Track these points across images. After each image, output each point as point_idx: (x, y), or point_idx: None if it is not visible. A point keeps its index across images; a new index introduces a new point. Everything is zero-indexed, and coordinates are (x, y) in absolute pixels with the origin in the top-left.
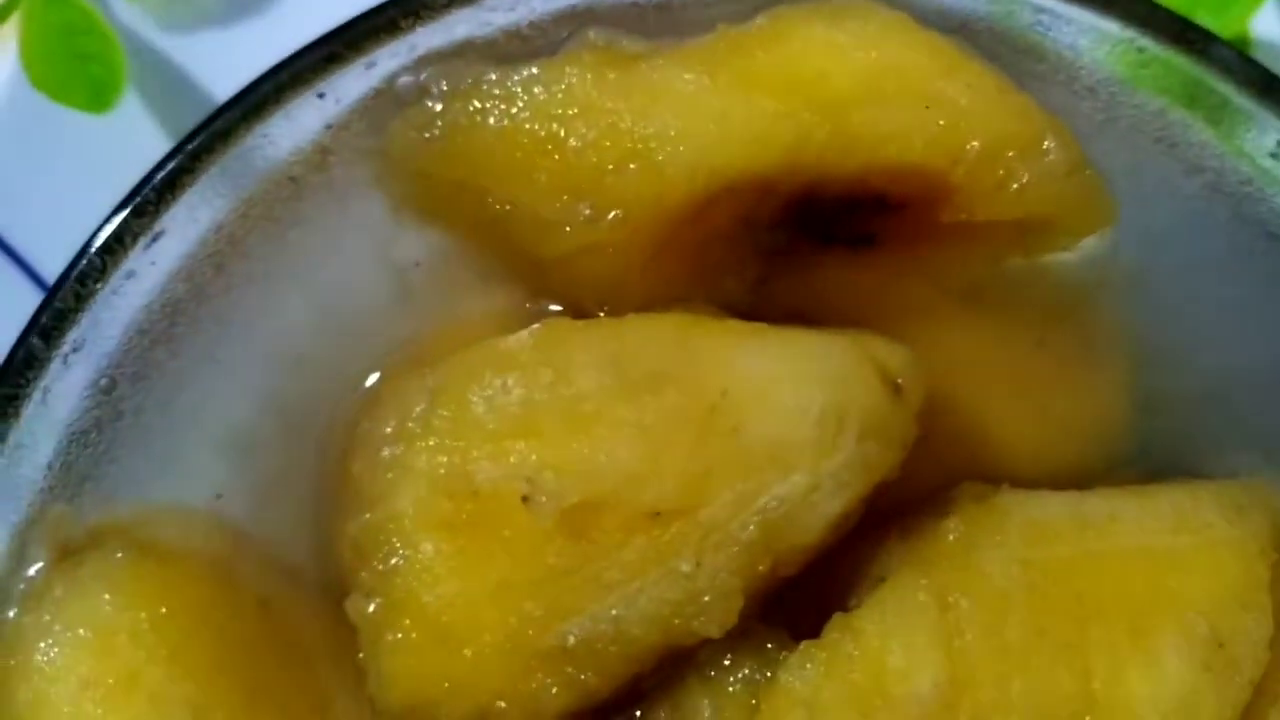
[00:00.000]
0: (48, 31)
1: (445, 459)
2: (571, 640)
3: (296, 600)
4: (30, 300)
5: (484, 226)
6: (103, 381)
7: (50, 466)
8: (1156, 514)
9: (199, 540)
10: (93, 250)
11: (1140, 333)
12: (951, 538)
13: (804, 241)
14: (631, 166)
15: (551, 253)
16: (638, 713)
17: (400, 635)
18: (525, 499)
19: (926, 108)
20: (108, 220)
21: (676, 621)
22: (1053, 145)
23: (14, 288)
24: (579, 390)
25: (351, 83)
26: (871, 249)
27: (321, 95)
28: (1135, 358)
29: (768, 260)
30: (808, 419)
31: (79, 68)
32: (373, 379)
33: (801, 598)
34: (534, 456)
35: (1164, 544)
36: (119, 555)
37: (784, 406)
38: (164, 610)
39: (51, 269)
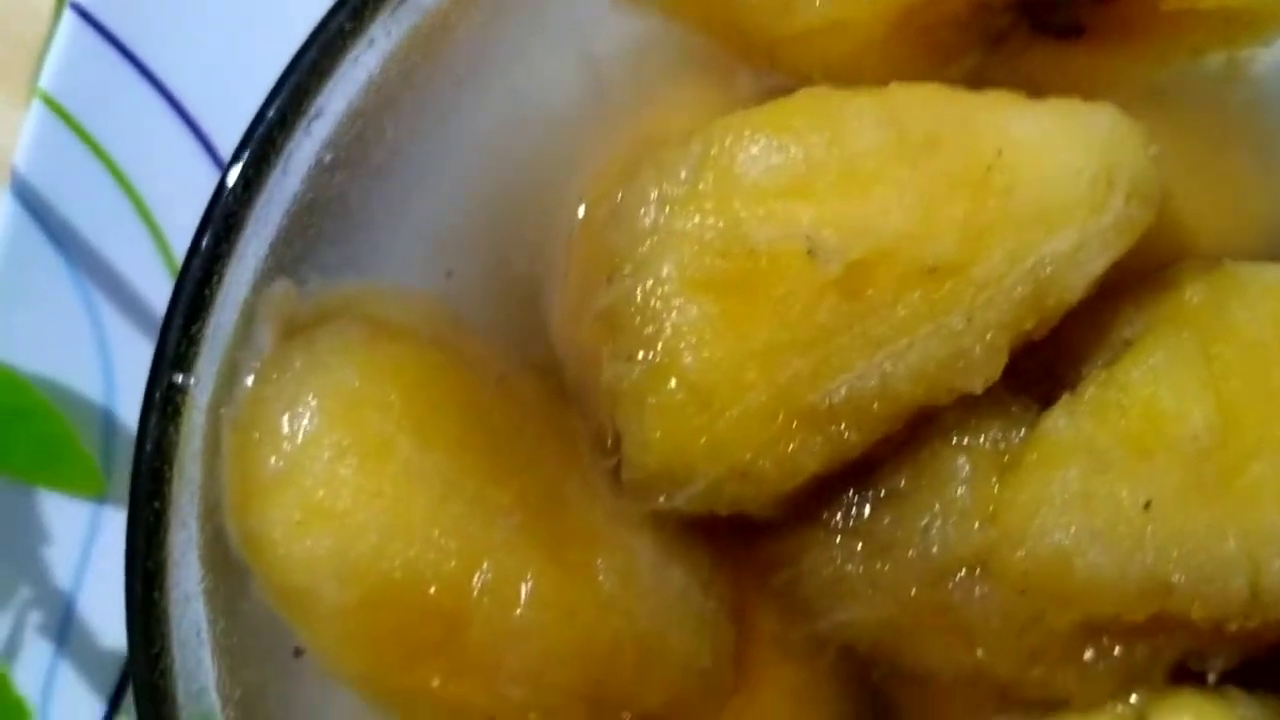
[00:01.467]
0: None
1: (715, 220)
2: (838, 398)
3: (525, 379)
4: None
5: (712, 5)
6: (327, 158)
7: (274, 243)
8: None
9: (422, 321)
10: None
11: None
12: (1196, 300)
13: (1020, 30)
14: None
15: (791, 30)
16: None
17: (662, 398)
18: (810, 253)
19: None
20: None
21: (942, 377)
22: None
23: None
24: (856, 150)
25: None
26: (1079, 40)
27: None
28: None
29: (988, 47)
30: (1081, 179)
31: None
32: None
33: (1033, 365)
34: (813, 215)
35: None
36: (354, 330)
37: (1059, 166)
38: (408, 382)
39: None
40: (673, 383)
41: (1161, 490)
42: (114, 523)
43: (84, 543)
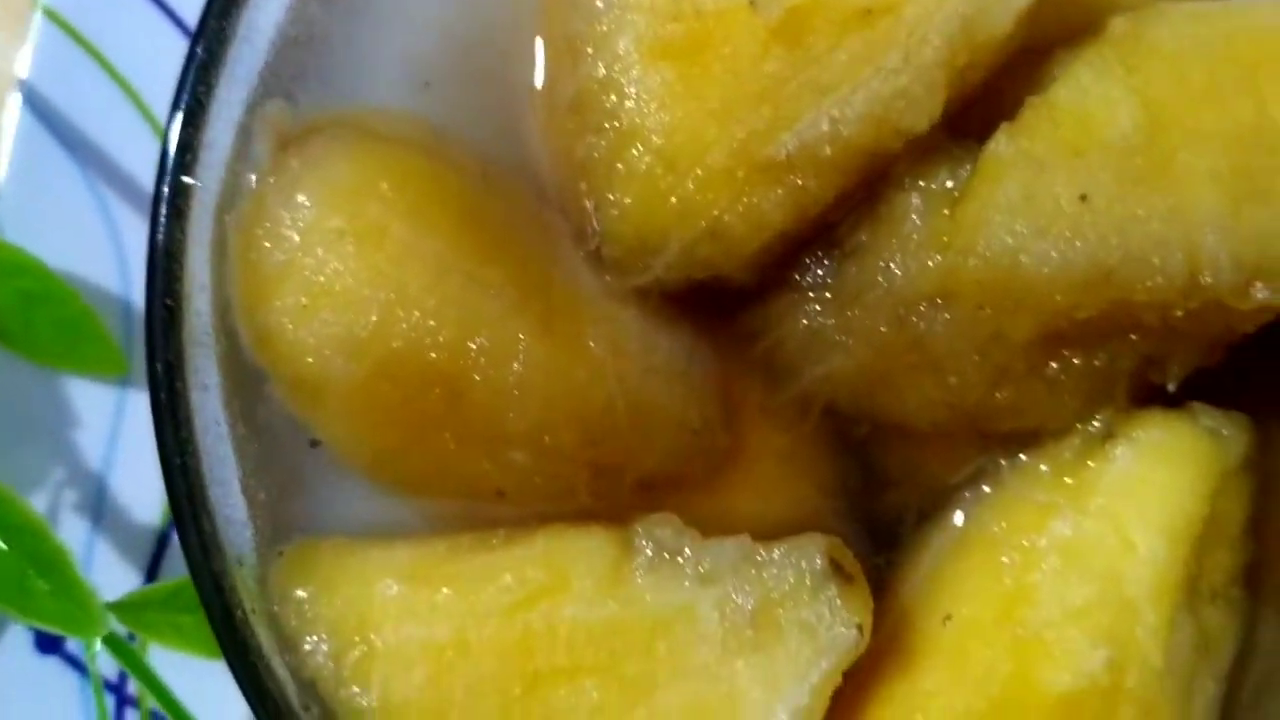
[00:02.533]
0: None
1: None
2: (792, 148)
3: (508, 179)
4: None
5: None
6: None
7: (263, 71)
8: None
9: (407, 131)
10: None
11: None
12: (1120, 30)
13: None
14: None
15: None
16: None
17: (630, 164)
18: (751, 4)
19: None
20: None
21: (888, 118)
22: None
23: None
24: None
25: None
26: None
27: None
28: None
29: None
30: None
31: None
32: None
33: (975, 118)
34: None
35: None
36: (344, 135)
37: None
38: (398, 176)
39: None
40: (639, 148)
41: (1096, 184)
42: (139, 405)
43: (112, 425)
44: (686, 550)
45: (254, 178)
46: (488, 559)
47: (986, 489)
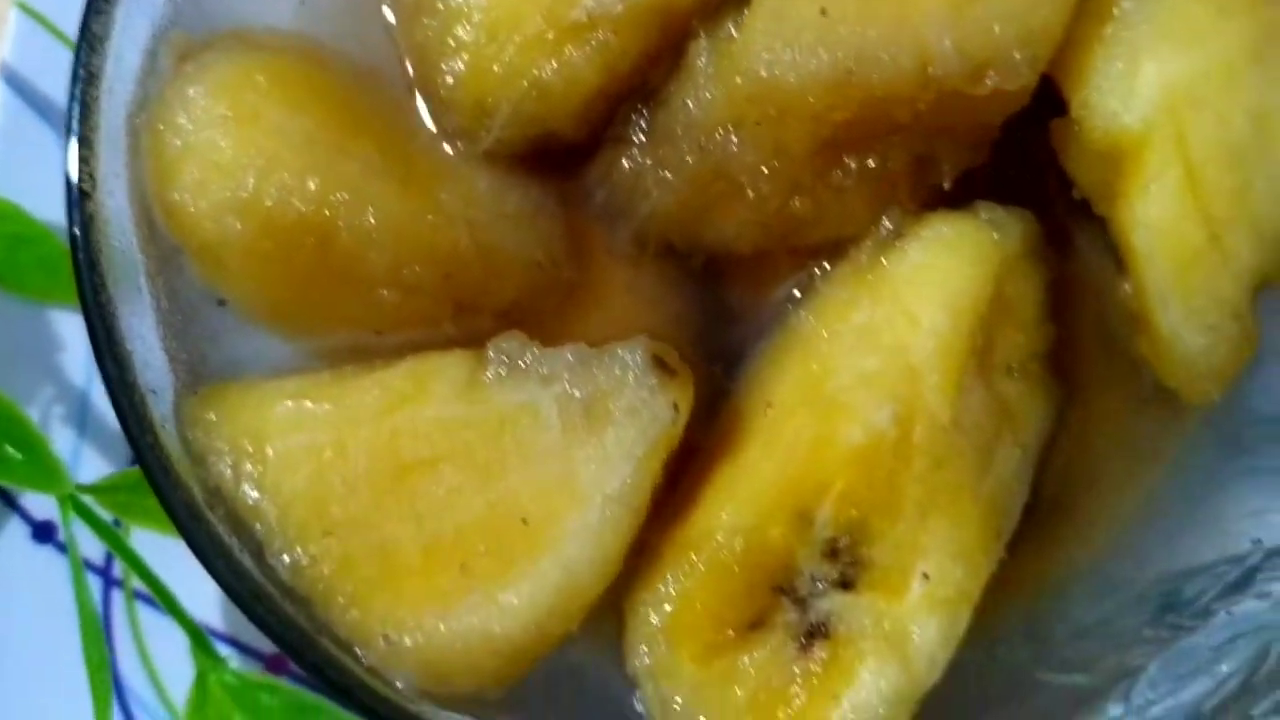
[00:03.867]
0: None
1: None
2: (590, 7)
3: (376, 76)
4: None
5: None
6: None
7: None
8: None
9: (287, 43)
10: None
11: None
12: None
13: None
14: None
15: None
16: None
17: (460, 39)
18: None
19: None
20: None
21: None
22: None
23: None
24: None
25: None
26: None
27: None
28: None
29: None
30: None
31: None
32: None
33: None
34: None
35: None
36: (230, 44)
37: None
38: (274, 71)
39: None
40: (465, 25)
41: (837, 2)
42: None
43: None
44: (529, 357)
45: (158, 86)
46: (355, 382)
47: (802, 297)
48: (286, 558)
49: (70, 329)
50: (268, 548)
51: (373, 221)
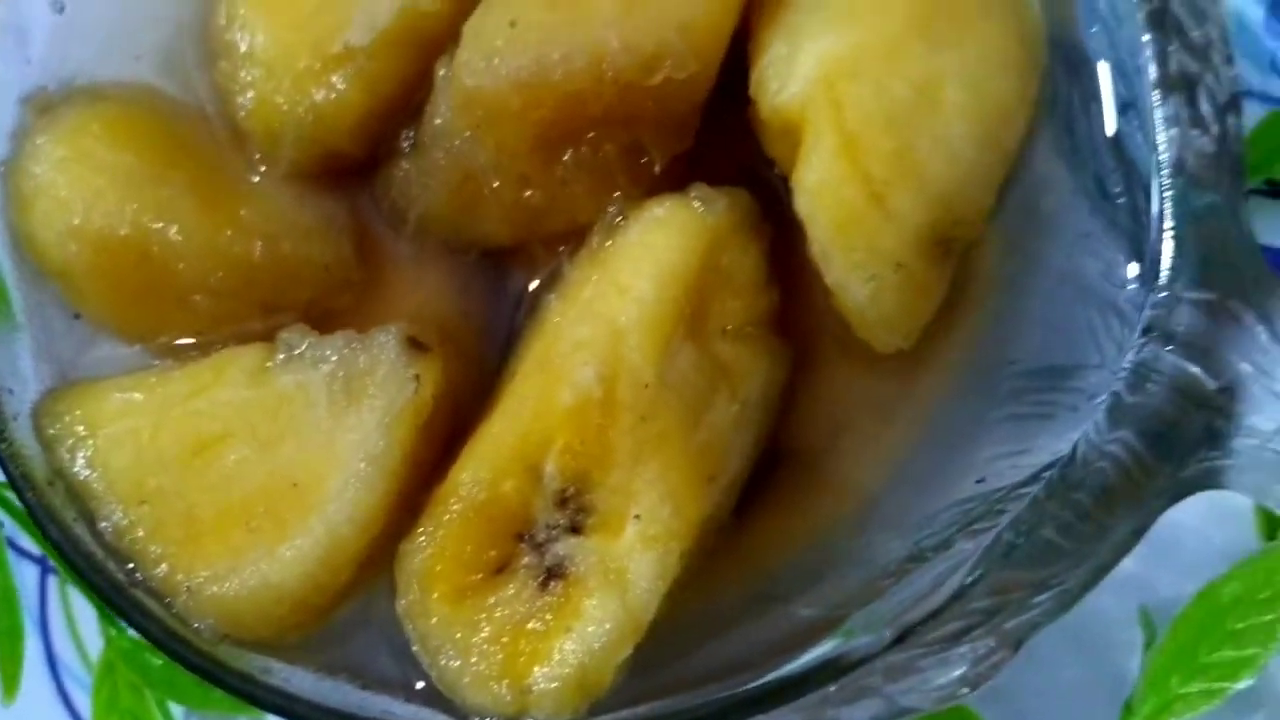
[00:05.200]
0: None
1: None
2: (352, 42)
3: (199, 116)
4: None
5: None
6: None
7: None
8: None
9: (125, 91)
10: None
11: None
12: None
13: None
14: None
15: None
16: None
17: (247, 76)
18: None
19: None
20: None
21: (405, 4)
22: None
23: None
24: None
25: None
26: None
27: None
28: None
29: None
30: None
31: None
32: None
33: None
34: None
35: None
36: (76, 99)
37: None
38: (106, 118)
39: None
40: (249, 64)
41: (522, 11)
42: None
43: None
44: (306, 345)
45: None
46: (173, 374)
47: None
48: (111, 524)
49: None
50: (97, 516)
51: (179, 238)
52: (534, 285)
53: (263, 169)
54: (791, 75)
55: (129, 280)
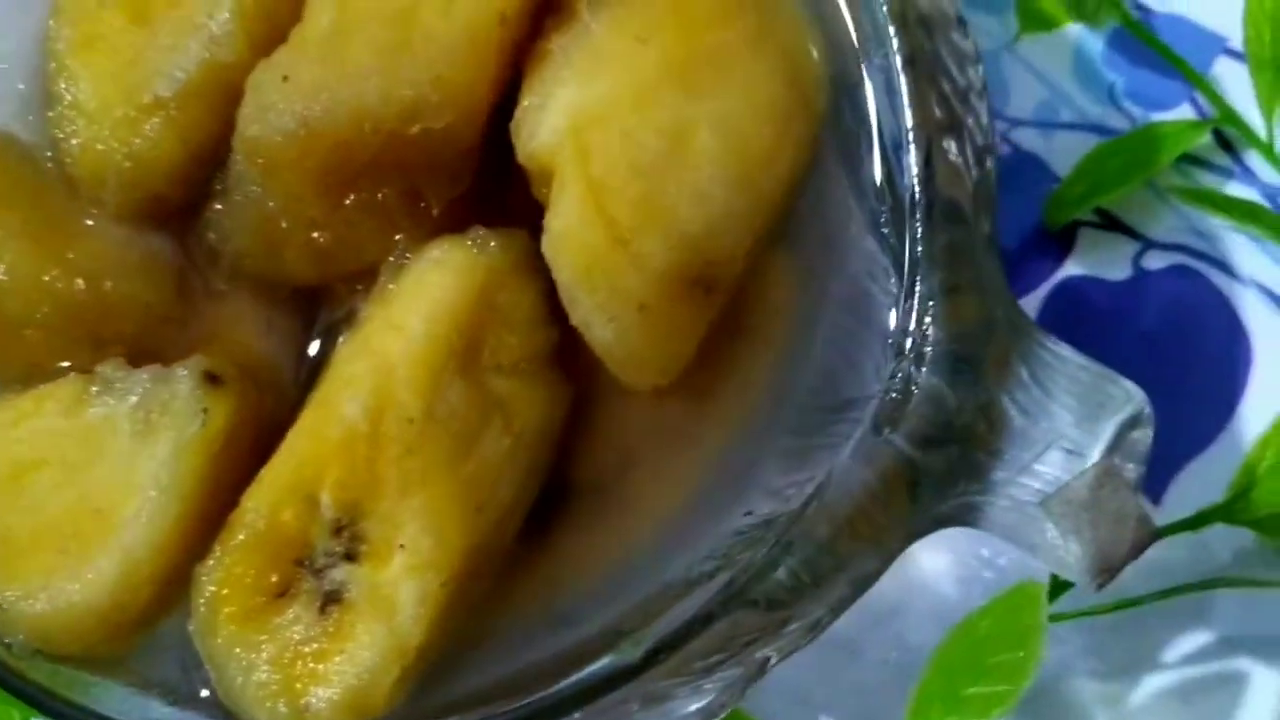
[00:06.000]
0: None
1: (74, 9)
2: (161, 92)
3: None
4: None
5: None
6: None
7: None
8: None
9: None
10: None
11: None
12: None
13: None
14: None
15: None
16: None
17: (71, 128)
18: (100, 4)
19: None
20: None
21: (211, 59)
22: None
23: None
24: None
25: None
26: None
27: None
28: None
29: None
30: None
31: None
32: None
33: None
34: None
35: None
36: None
37: None
38: None
39: None
40: (72, 113)
41: (294, 68)
42: None
43: None
44: (119, 377)
45: None
46: (2, 402)
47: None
48: None
49: None
50: None
51: (6, 278)
52: (336, 319)
53: (94, 210)
54: (541, 124)
55: None
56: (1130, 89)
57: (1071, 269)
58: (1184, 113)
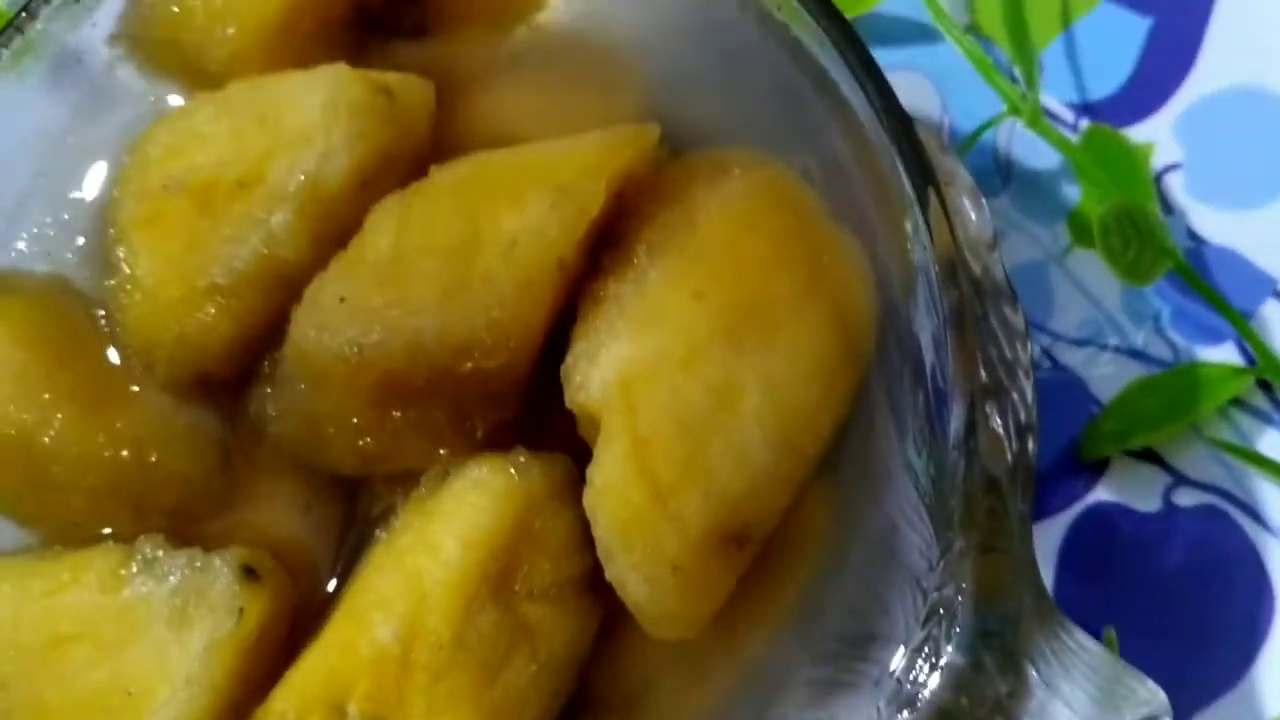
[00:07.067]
0: None
1: (139, 184)
2: (218, 279)
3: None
4: None
5: (189, 67)
6: None
7: None
8: None
9: (36, 283)
10: None
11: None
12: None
13: (375, 36)
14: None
15: (215, 67)
16: None
17: (127, 300)
18: (166, 188)
19: None
20: None
21: (266, 251)
22: None
23: None
24: (198, 120)
25: None
26: (428, 36)
27: None
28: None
29: (353, 54)
30: (315, 110)
31: None
32: None
33: None
34: (177, 165)
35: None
36: None
37: (304, 105)
38: (10, 313)
39: None
40: (129, 286)
41: (353, 289)
42: None
43: None
44: (160, 556)
45: None
46: (41, 565)
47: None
48: None
49: None
50: None
51: (56, 445)
52: (375, 513)
53: (142, 377)
54: (592, 376)
55: (10, 474)
56: (1176, 319)
57: (1101, 494)
58: (1229, 351)
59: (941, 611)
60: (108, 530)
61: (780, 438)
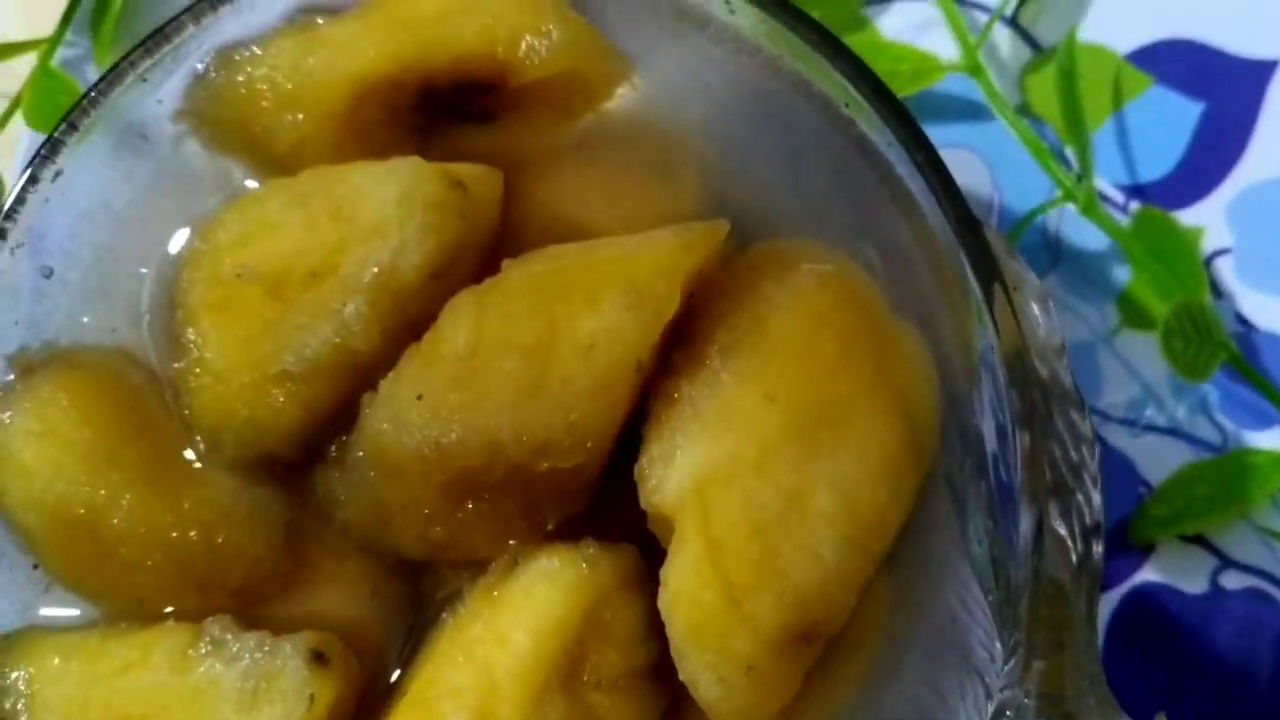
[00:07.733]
0: None
1: (210, 269)
2: (289, 366)
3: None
4: None
5: (255, 147)
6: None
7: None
8: None
9: (99, 357)
10: None
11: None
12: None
13: (442, 121)
14: (307, 84)
15: (282, 150)
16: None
17: (196, 382)
18: (239, 276)
19: (467, 14)
20: None
21: (343, 344)
22: (553, 26)
23: None
24: (270, 209)
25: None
26: (494, 121)
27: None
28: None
29: (420, 139)
30: (390, 202)
31: None
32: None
33: None
34: (249, 253)
35: None
36: (52, 365)
37: (378, 198)
38: (76, 389)
39: None
40: (199, 369)
41: (430, 387)
42: None
43: None
44: (228, 638)
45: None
46: (108, 643)
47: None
48: None
49: None
50: None
51: (124, 525)
52: (440, 596)
53: (208, 456)
54: (667, 479)
55: (78, 551)
56: (1225, 403)
57: (1149, 574)
58: (1277, 437)
59: (1009, 713)
60: (170, 609)
61: (849, 537)
